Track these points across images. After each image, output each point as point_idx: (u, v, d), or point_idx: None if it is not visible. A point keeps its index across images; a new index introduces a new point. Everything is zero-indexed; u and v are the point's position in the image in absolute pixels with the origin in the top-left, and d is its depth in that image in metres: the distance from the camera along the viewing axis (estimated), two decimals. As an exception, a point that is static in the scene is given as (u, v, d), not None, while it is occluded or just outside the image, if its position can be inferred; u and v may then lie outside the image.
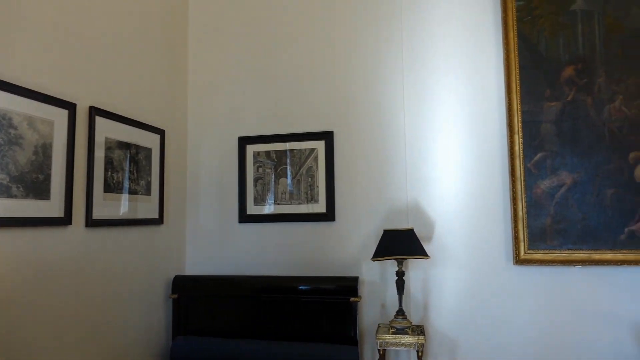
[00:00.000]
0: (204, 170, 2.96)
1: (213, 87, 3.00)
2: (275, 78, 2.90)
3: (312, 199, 2.75)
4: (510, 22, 2.58)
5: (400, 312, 2.44)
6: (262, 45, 2.95)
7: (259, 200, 2.83)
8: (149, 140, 2.62)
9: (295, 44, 2.89)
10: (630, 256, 2.37)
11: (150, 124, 2.64)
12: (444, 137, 2.65)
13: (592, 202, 2.42)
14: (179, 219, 2.90)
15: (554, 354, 2.43)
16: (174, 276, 2.78)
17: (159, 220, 2.69)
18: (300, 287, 2.63)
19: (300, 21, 2.90)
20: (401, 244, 2.42)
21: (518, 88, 2.53)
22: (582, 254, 2.42)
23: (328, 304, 2.57)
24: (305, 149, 2.78)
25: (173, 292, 2.75)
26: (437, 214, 2.62)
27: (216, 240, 2.90)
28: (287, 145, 2.81)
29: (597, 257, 2.40)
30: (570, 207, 2.45)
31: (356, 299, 2.54)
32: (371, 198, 2.70)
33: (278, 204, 2.80)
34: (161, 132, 2.73)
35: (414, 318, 2.61)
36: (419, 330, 2.45)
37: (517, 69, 2.54)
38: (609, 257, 2.39)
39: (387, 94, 2.74)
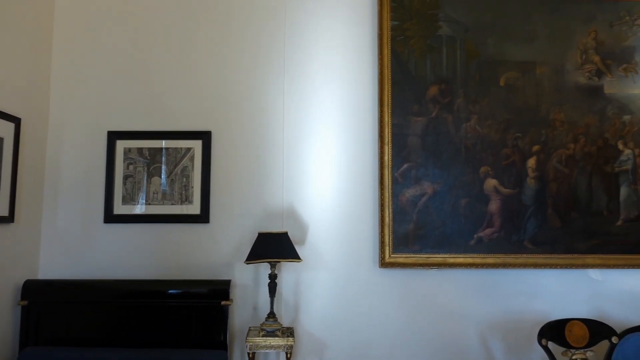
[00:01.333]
0: (65, 165, 2.79)
1: (81, 74, 2.85)
2: (152, 72, 2.85)
3: (186, 199, 2.74)
4: (385, 40, 2.82)
5: (272, 315, 2.53)
6: (137, 35, 2.87)
7: (128, 199, 2.75)
8: (1, 129, 2.42)
9: (174, 38, 2.87)
10: (477, 259, 2.72)
11: (2, 110, 2.44)
12: (321, 144, 2.82)
13: (449, 210, 2.74)
14: (34, 217, 2.71)
15: (412, 348, 2.70)
16: (24, 281, 2.59)
17: (9, 218, 2.49)
18: (170, 292, 2.61)
19: (180, 15, 2.88)
20: (275, 247, 2.52)
21: (389, 102, 2.78)
22: (438, 258, 2.72)
23: (199, 309, 2.58)
24: (181, 148, 2.77)
25: (22, 298, 2.56)
26: (312, 218, 2.77)
27: (77, 242, 2.75)
28: (162, 143, 2.77)
29: (451, 260, 2.72)
30: (430, 215, 2.74)
31: (227, 302, 2.58)
32: (247, 201, 2.77)
33: (150, 204, 2.75)
34: (16, 121, 2.53)
35: (285, 320, 2.72)
36: (289, 332, 2.56)
37: (389, 84, 2.79)
38: (460, 260, 2.72)
39: (268, 99, 2.83)
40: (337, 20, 2.87)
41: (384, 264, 2.69)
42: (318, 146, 2.80)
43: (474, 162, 2.76)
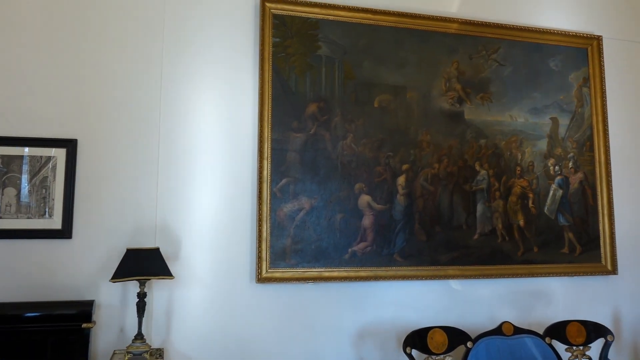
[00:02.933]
0: None
1: None
2: (9, 70, 2.67)
3: (45, 213, 2.59)
4: (266, 56, 2.94)
5: (139, 336, 2.47)
6: (-4, 33, 2.69)
7: (-26, 212, 2.53)
8: None
9: (37, 36, 2.73)
10: (351, 273, 2.90)
11: None
12: (200, 157, 2.83)
13: (325, 225, 2.90)
14: None
15: (286, 365, 2.79)
16: None
17: None
18: (26, 315, 2.43)
19: (46, 11, 2.75)
20: (145, 264, 2.47)
21: (269, 117, 2.89)
22: (314, 272, 2.86)
23: (58, 333, 2.43)
24: (41, 157, 2.62)
25: None
26: (187, 234, 2.76)
27: None
28: (19, 150, 2.60)
29: (327, 274, 2.87)
30: (307, 229, 2.88)
31: (89, 324, 2.47)
32: (117, 215, 2.69)
33: (1, 218, 2.56)
34: None
35: (155, 341, 2.66)
36: (159, 353, 2.51)
37: (270, 100, 2.90)
38: (335, 274, 2.88)
39: (143, 109, 2.78)
40: (219, 33, 2.93)
41: (260, 279, 2.76)
42: (196, 160, 2.82)
43: (349, 178, 2.95)
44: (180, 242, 2.74)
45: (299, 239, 2.83)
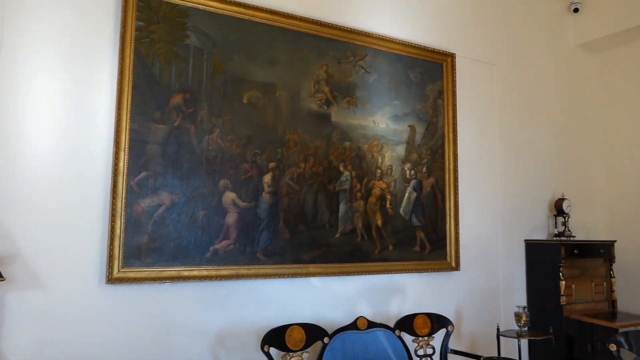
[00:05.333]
0: None
1: None
2: None
3: None
4: (128, 39, 2.79)
5: (-42, 347, 2.19)
6: None
7: None
8: None
9: None
10: (212, 272, 2.88)
11: None
12: (44, 145, 2.58)
13: (187, 222, 2.84)
14: None
15: (137, 370, 2.68)
16: None
17: None
18: None
19: None
20: (-32, 264, 2.20)
21: (129, 106, 2.75)
22: (172, 271, 2.78)
23: None
24: None
25: None
26: (26, 231, 2.50)
27: None
28: None
29: (186, 273, 2.82)
30: (166, 226, 2.79)
31: None
32: None
33: None
34: None
35: (-21, 352, 2.38)
36: (-18, 366, 2.25)
37: (130, 87, 2.76)
38: (195, 273, 2.84)
39: (-27, 84, 2.48)
40: (73, 10, 2.71)
41: (111, 279, 2.62)
42: (39, 148, 2.58)
43: (214, 174, 2.93)
44: (16, 239, 2.48)
45: (157, 236, 2.74)
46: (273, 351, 2.72)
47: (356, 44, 3.49)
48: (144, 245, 2.71)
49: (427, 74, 3.78)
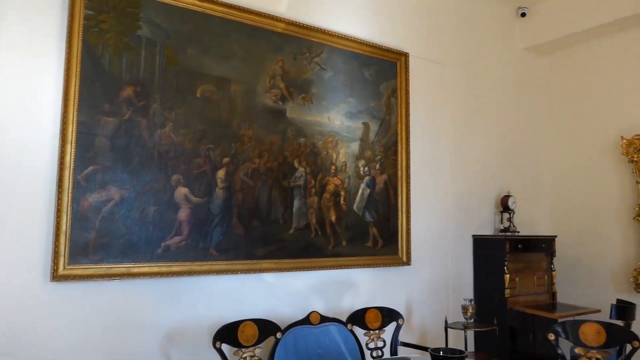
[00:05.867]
0: None
1: None
2: None
3: None
4: (76, 28, 2.70)
5: None
6: None
7: None
8: None
9: None
10: (164, 268, 2.84)
11: None
12: (-17, 135, 2.48)
13: (137, 217, 2.79)
14: None
15: (84, 370, 2.61)
16: None
17: None
18: None
19: None
20: None
21: (77, 97, 2.66)
22: (122, 268, 2.73)
23: None
24: None
25: None
26: (-38, 225, 2.40)
27: None
28: None
29: (136, 270, 2.77)
30: (115, 222, 2.73)
31: None
32: None
33: None
34: None
35: None
36: None
37: (78, 78, 2.68)
38: (145, 269, 2.79)
39: None
40: (15, -7, 2.60)
41: (57, 277, 2.54)
42: (-22, 138, 2.46)
43: (166, 169, 2.89)
44: (-48, 235, 2.37)
45: (105, 232, 2.68)
46: (225, 347, 2.72)
47: (312, 40, 3.52)
48: (92, 242, 2.64)
49: (382, 72, 3.86)
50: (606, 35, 4.66)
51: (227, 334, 2.75)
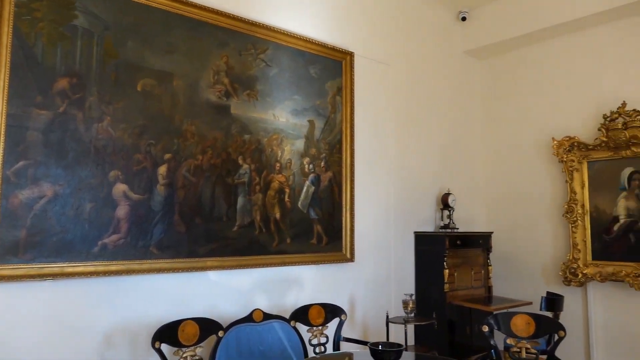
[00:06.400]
0: None
1: None
2: None
3: None
4: (6, 15, 2.57)
5: None
6: None
7: None
8: None
9: None
10: (100, 267, 2.76)
11: None
12: None
13: (72, 215, 2.69)
14: None
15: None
16: None
17: None
18: None
19: None
20: None
21: (6, 88, 2.54)
22: (55, 267, 2.62)
23: None
24: None
25: None
26: None
27: None
28: None
29: (70, 269, 2.67)
30: (48, 220, 2.62)
31: None
32: None
33: None
34: None
35: None
36: None
37: (7, 68, 2.55)
38: (81, 269, 2.70)
39: None
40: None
41: (-18, 278, 2.42)
42: None
43: (103, 165, 2.81)
44: None
45: (37, 230, 2.57)
46: (165, 348, 2.68)
47: (257, 36, 3.51)
48: (22, 240, 2.53)
49: (327, 70, 3.91)
50: (540, 41, 4.93)
51: (167, 333, 2.71)
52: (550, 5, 4.58)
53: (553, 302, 4.03)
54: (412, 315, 3.69)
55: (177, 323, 2.77)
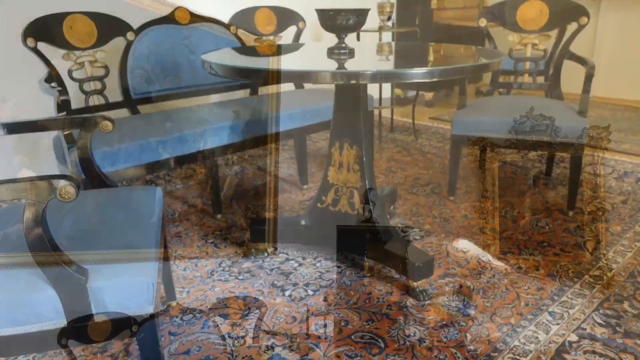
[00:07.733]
0: None
1: None
2: None
3: None
4: None
5: None
6: None
7: None
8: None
9: None
10: None
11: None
12: None
13: None
14: None
15: None
16: None
17: None
18: None
19: None
20: None
21: None
22: None
23: None
24: None
25: None
26: None
27: None
28: None
29: None
30: None
31: None
32: None
33: None
34: None
35: None
36: None
37: None
38: None
39: None
40: None
41: None
42: None
43: None
44: None
45: None
46: (46, 49, 1.91)
47: None
48: None
49: None
50: None
51: (46, 29, 1.92)
52: None
53: None
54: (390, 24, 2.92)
55: (61, 16, 1.96)
